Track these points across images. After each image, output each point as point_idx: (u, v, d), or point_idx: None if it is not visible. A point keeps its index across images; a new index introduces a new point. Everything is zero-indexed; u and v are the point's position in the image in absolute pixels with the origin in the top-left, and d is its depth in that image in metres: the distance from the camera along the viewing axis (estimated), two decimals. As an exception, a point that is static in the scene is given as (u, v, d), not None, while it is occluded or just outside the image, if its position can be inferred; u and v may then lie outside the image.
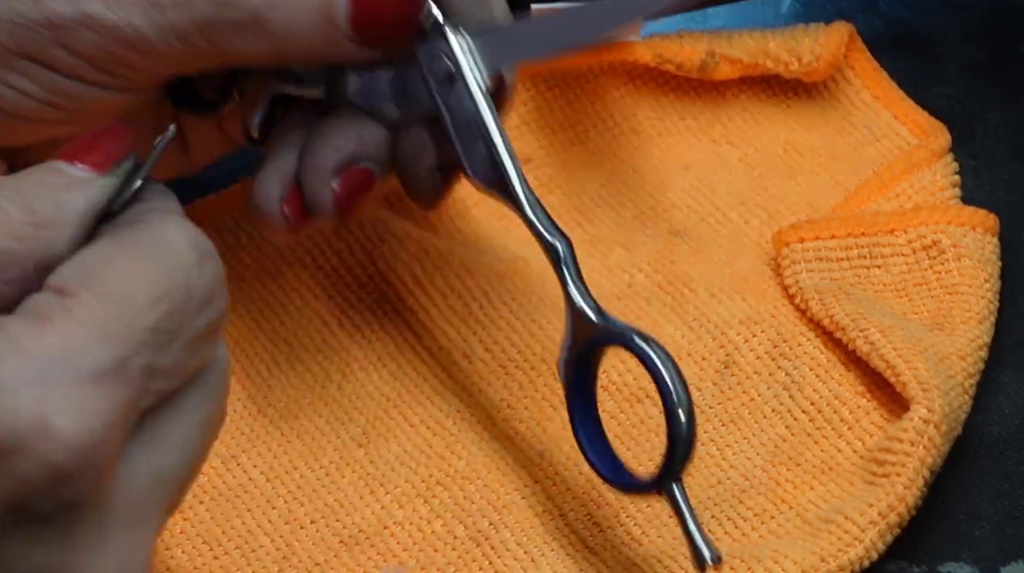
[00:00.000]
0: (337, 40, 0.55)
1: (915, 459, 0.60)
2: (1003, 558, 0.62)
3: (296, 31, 0.54)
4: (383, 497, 0.62)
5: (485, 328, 0.64)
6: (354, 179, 0.58)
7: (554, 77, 0.72)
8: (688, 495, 0.55)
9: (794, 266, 0.67)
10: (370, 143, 0.58)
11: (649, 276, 0.68)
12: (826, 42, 0.71)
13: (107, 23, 0.53)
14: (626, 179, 0.71)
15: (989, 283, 0.65)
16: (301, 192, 0.58)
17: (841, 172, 0.71)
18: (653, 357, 0.54)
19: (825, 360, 0.65)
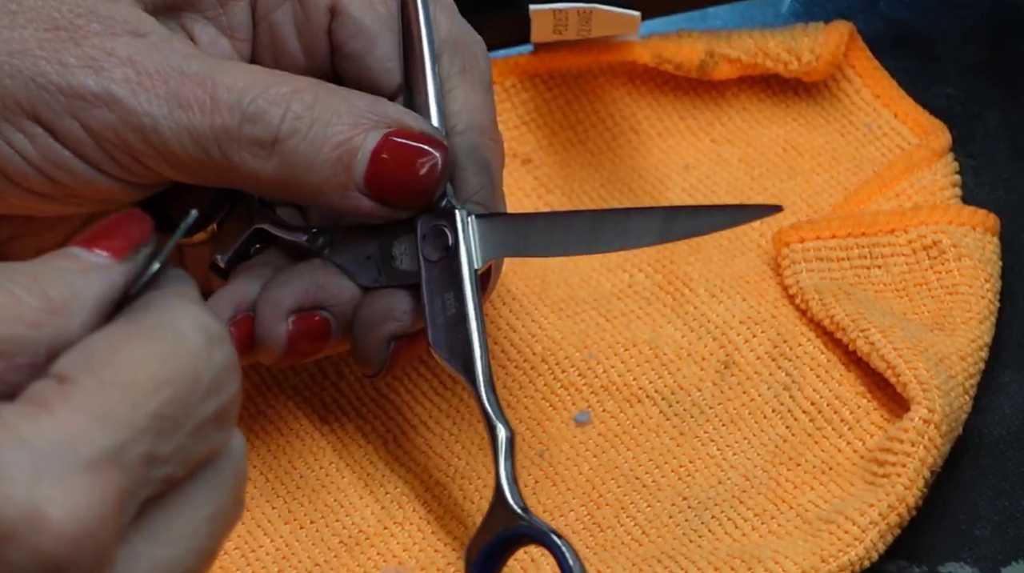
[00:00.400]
0: (347, 189, 0.55)
1: (915, 459, 0.60)
2: (1003, 558, 0.61)
3: (310, 165, 0.54)
4: (383, 497, 0.62)
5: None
6: (310, 324, 0.57)
7: (554, 77, 0.72)
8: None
9: (794, 266, 0.66)
10: (337, 297, 0.57)
11: (649, 276, 0.68)
12: (826, 41, 0.71)
13: (127, 107, 0.53)
14: (626, 179, 0.71)
15: (989, 283, 0.65)
16: (253, 321, 0.57)
17: (841, 172, 0.71)
18: (568, 557, 0.54)
19: (825, 360, 0.65)
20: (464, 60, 0.58)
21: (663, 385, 0.64)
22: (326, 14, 0.57)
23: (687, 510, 0.61)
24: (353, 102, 0.55)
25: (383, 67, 0.57)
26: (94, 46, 0.53)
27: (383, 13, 0.57)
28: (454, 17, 0.59)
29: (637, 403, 0.64)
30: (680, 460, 0.63)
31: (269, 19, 0.58)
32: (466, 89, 0.58)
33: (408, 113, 0.56)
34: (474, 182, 0.57)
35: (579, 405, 0.64)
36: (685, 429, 0.63)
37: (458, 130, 0.57)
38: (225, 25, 0.58)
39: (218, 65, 0.54)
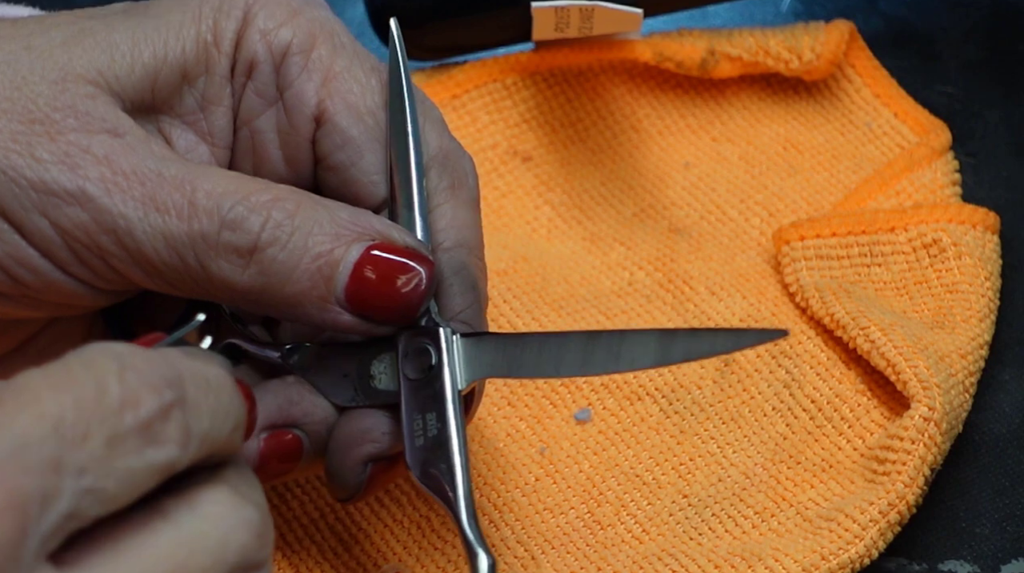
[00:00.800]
0: (327, 302, 0.52)
1: (915, 457, 0.60)
2: (1003, 556, 0.62)
3: (289, 276, 0.52)
4: (383, 496, 0.62)
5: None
6: (281, 443, 0.54)
7: (554, 74, 0.72)
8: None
9: (794, 264, 0.67)
10: (311, 416, 0.55)
11: (649, 274, 0.68)
12: (826, 40, 0.71)
13: (101, 207, 0.51)
14: (626, 177, 0.71)
15: (989, 281, 0.65)
16: None
17: (841, 170, 0.71)
18: None
19: (825, 358, 0.65)
20: (453, 177, 0.56)
21: (663, 383, 0.64)
22: (311, 123, 0.55)
23: (687, 508, 0.61)
24: (336, 213, 0.52)
25: (368, 180, 0.55)
26: (70, 142, 0.51)
27: (370, 125, 0.55)
28: (443, 133, 0.57)
29: (637, 401, 0.64)
30: (680, 458, 0.63)
31: (251, 126, 0.56)
32: (454, 206, 0.56)
33: (393, 226, 0.53)
34: (460, 301, 0.55)
35: (579, 403, 0.64)
36: (685, 427, 0.63)
37: (445, 246, 0.55)
38: (204, 131, 0.56)
39: (198, 169, 0.52)
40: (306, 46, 0.55)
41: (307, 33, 0.55)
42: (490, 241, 0.68)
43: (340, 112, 0.55)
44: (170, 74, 0.54)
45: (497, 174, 0.71)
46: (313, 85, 0.55)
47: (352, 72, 0.55)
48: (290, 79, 0.55)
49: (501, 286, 0.66)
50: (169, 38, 0.54)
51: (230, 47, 0.55)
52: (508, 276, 0.67)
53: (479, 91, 0.72)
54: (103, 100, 0.52)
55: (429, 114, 0.57)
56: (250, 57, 0.55)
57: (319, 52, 0.55)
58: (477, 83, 0.72)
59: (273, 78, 0.55)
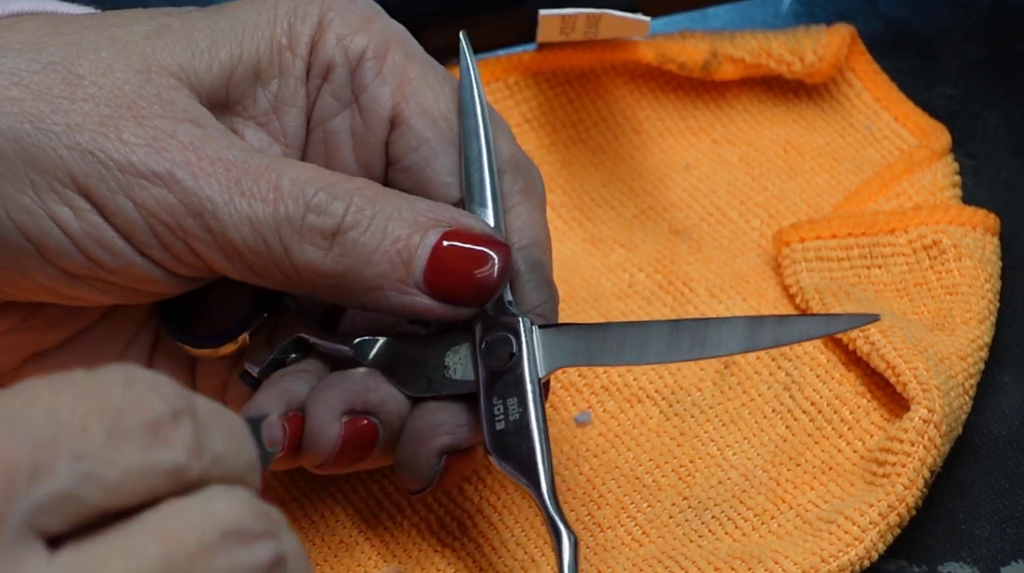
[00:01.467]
0: (406, 284, 0.53)
1: (915, 459, 0.60)
2: (1003, 558, 0.62)
3: (369, 258, 0.53)
4: (383, 498, 0.62)
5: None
6: (359, 429, 0.55)
7: (556, 75, 0.72)
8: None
9: (794, 266, 0.67)
10: (386, 405, 0.56)
11: (649, 275, 0.68)
12: (828, 43, 0.71)
13: (188, 189, 0.52)
14: (627, 178, 0.71)
15: (989, 283, 0.66)
16: (303, 421, 0.55)
17: (841, 172, 0.71)
18: None
19: (825, 360, 0.65)
20: (525, 181, 0.58)
21: (663, 385, 0.64)
22: (386, 125, 0.57)
23: (687, 510, 0.61)
24: (414, 202, 0.54)
25: (442, 181, 0.57)
26: (156, 127, 0.52)
27: (444, 128, 0.57)
28: (514, 143, 0.59)
29: (637, 403, 0.64)
30: (680, 460, 0.63)
31: (324, 127, 0.57)
32: (527, 208, 0.58)
33: (470, 215, 0.55)
34: (536, 296, 0.57)
35: (579, 405, 0.64)
36: (685, 429, 0.63)
37: (520, 244, 0.57)
38: (277, 131, 0.57)
39: (279, 160, 0.53)
40: (380, 52, 0.57)
41: (381, 40, 0.57)
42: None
43: (415, 115, 0.56)
44: (245, 73, 0.55)
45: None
46: (388, 89, 0.56)
47: (425, 79, 0.57)
48: (365, 83, 0.56)
49: (502, 288, 0.66)
50: (245, 38, 0.55)
51: (305, 50, 0.56)
52: (509, 278, 0.67)
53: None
54: (184, 92, 0.53)
55: (500, 125, 0.58)
56: (327, 61, 0.56)
57: (393, 59, 0.57)
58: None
59: (348, 82, 0.57)
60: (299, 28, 0.56)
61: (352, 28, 0.57)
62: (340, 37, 0.56)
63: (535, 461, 0.54)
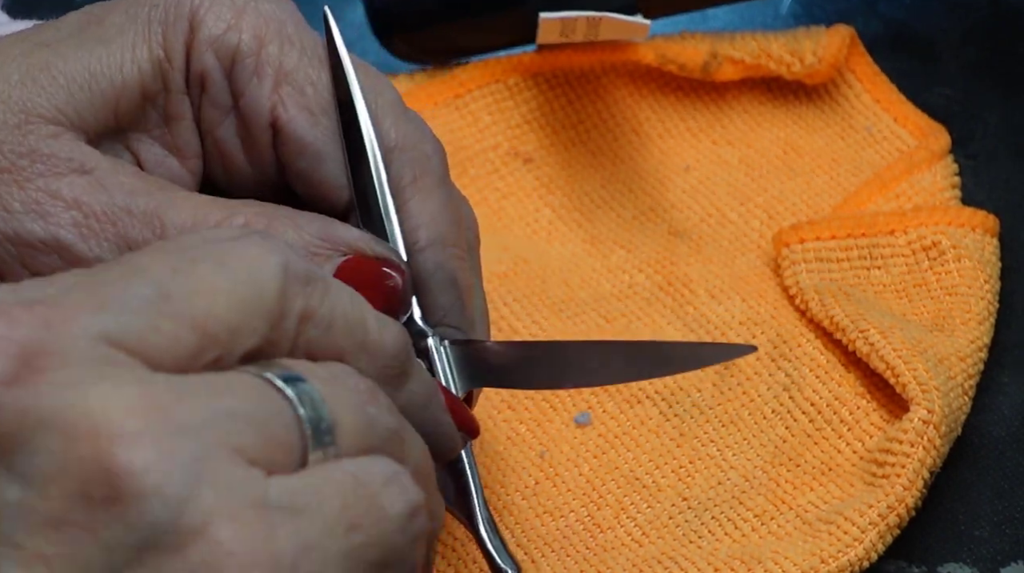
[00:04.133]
0: None
1: (915, 460, 0.60)
2: (1002, 559, 0.62)
3: None
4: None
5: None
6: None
7: (556, 77, 0.72)
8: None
9: (794, 267, 0.67)
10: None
11: (649, 277, 0.68)
12: (828, 44, 0.71)
13: (77, 254, 0.51)
14: (627, 179, 0.71)
15: (989, 284, 0.66)
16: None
17: (841, 173, 0.71)
18: None
19: (825, 361, 0.65)
20: (415, 166, 0.55)
21: (663, 386, 0.64)
22: (268, 131, 0.54)
23: (687, 511, 0.61)
24: (304, 229, 0.52)
25: (332, 184, 0.54)
26: (38, 188, 0.51)
27: (327, 126, 0.54)
28: (399, 117, 0.55)
29: (637, 404, 0.64)
30: (680, 461, 0.63)
31: (214, 135, 0.55)
32: (421, 199, 0.54)
33: (362, 236, 0.52)
34: (443, 301, 0.54)
35: (579, 406, 0.64)
36: (685, 430, 0.64)
37: (419, 246, 0.54)
38: (171, 144, 0.55)
39: (165, 199, 0.52)
40: (254, 48, 0.54)
41: (253, 34, 0.54)
42: (490, 243, 0.68)
43: (294, 119, 0.54)
44: (131, 97, 0.53)
45: (498, 175, 0.71)
46: (265, 91, 0.54)
47: (303, 70, 0.54)
48: (241, 87, 0.54)
49: (501, 289, 0.66)
50: (124, 62, 0.53)
51: (181, 61, 0.54)
52: (508, 278, 0.67)
53: (481, 91, 0.72)
54: (67, 138, 0.52)
55: (382, 97, 0.55)
56: (200, 69, 0.54)
57: (268, 52, 0.54)
58: (479, 83, 0.72)
59: (226, 87, 0.54)
60: (172, 36, 0.54)
61: (224, 25, 0.54)
62: (211, 40, 0.54)
63: (468, 492, 0.52)
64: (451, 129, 0.71)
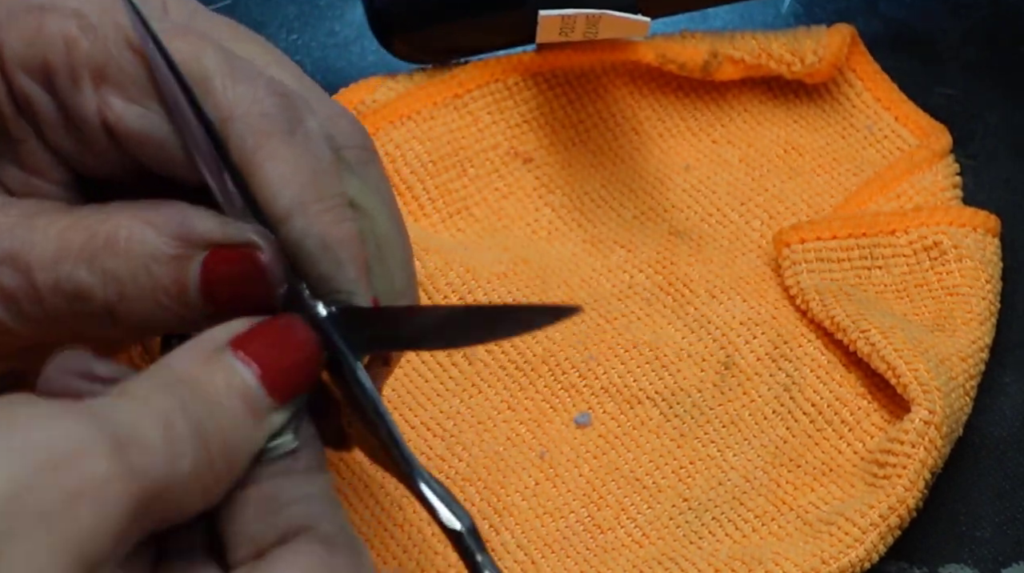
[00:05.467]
0: (196, 320, 0.49)
1: (916, 461, 0.60)
2: (1004, 560, 0.62)
3: (151, 317, 0.49)
4: (383, 499, 0.62)
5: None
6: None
7: (556, 76, 0.72)
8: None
9: (795, 267, 0.67)
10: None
11: (649, 277, 0.68)
12: (828, 43, 0.71)
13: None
14: (627, 179, 0.71)
15: (990, 284, 0.66)
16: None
17: (842, 173, 0.71)
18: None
19: (826, 361, 0.65)
20: (253, 132, 0.50)
21: (663, 386, 0.64)
22: (104, 133, 0.51)
23: (687, 512, 0.61)
24: (164, 228, 0.49)
25: (182, 167, 0.51)
26: None
27: (158, 110, 0.50)
28: (228, 76, 0.50)
29: (637, 404, 0.64)
30: (680, 461, 0.63)
31: (62, 148, 0.52)
32: (269, 165, 0.50)
33: (216, 224, 0.49)
34: (321, 268, 0.50)
35: (579, 406, 0.64)
36: (685, 430, 0.63)
37: (280, 217, 0.50)
38: (29, 165, 0.52)
39: (26, 234, 0.50)
40: (63, 54, 0.50)
41: (59, 39, 0.50)
42: (490, 243, 0.68)
43: (122, 116, 0.50)
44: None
45: (498, 175, 0.71)
46: (87, 96, 0.51)
47: (117, 61, 0.50)
48: (63, 98, 0.51)
49: (501, 289, 0.66)
50: None
51: (3, 87, 0.51)
52: (508, 278, 0.67)
53: (481, 91, 0.72)
54: None
55: (203, 63, 0.51)
56: (21, 91, 0.51)
57: (77, 55, 0.50)
58: (479, 83, 0.72)
59: (52, 102, 0.51)
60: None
61: (25, 41, 0.50)
62: (19, 59, 0.50)
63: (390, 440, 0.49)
64: (451, 129, 0.71)
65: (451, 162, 0.70)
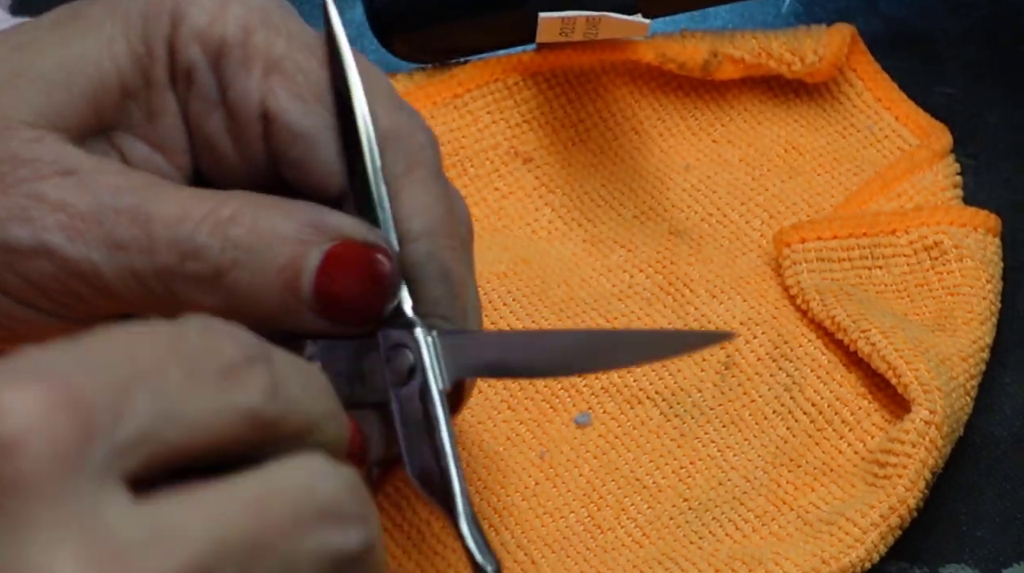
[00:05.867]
0: (298, 310, 0.51)
1: (916, 460, 0.60)
2: (1005, 560, 0.62)
3: (256, 294, 0.51)
4: (381, 500, 0.62)
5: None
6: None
7: (556, 76, 0.72)
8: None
9: (795, 266, 0.66)
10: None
11: (650, 276, 0.68)
12: (829, 43, 0.71)
13: (65, 255, 0.50)
14: (627, 179, 0.71)
15: (991, 284, 0.65)
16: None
17: (842, 173, 0.71)
18: None
19: (826, 361, 0.65)
20: (408, 157, 0.54)
21: (663, 386, 0.64)
22: (259, 123, 0.53)
23: (687, 512, 0.61)
24: (294, 216, 0.51)
25: (326, 171, 0.53)
26: (22, 194, 0.50)
27: (319, 113, 0.53)
28: (392, 106, 0.54)
29: (637, 404, 0.64)
30: (680, 461, 0.63)
31: (203, 130, 0.54)
32: (415, 189, 0.53)
33: (352, 222, 0.52)
34: (435, 293, 0.53)
35: (579, 406, 0.64)
36: (685, 430, 0.63)
37: (411, 236, 0.53)
38: (157, 141, 0.54)
39: (151, 195, 0.51)
40: (240, 38, 0.53)
41: (239, 24, 0.53)
42: (490, 243, 0.68)
43: (286, 109, 0.53)
44: (110, 94, 0.53)
45: (498, 175, 0.71)
46: (254, 82, 0.53)
47: (292, 59, 0.53)
48: (229, 79, 0.53)
49: (501, 289, 0.66)
50: (103, 59, 0.52)
51: (164, 54, 0.53)
52: (508, 278, 0.67)
53: (480, 91, 0.72)
54: (49, 140, 0.51)
55: (377, 87, 0.54)
56: (186, 63, 0.53)
57: (255, 42, 0.53)
58: (479, 83, 0.72)
59: (213, 79, 0.53)
60: (153, 30, 0.53)
61: (208, 17, 0.53)
62: (196, 33, 0.53)
63: (449, 484, 0.51)
64: (450, 129, 0.71)
65: (451, 162, 0.70)
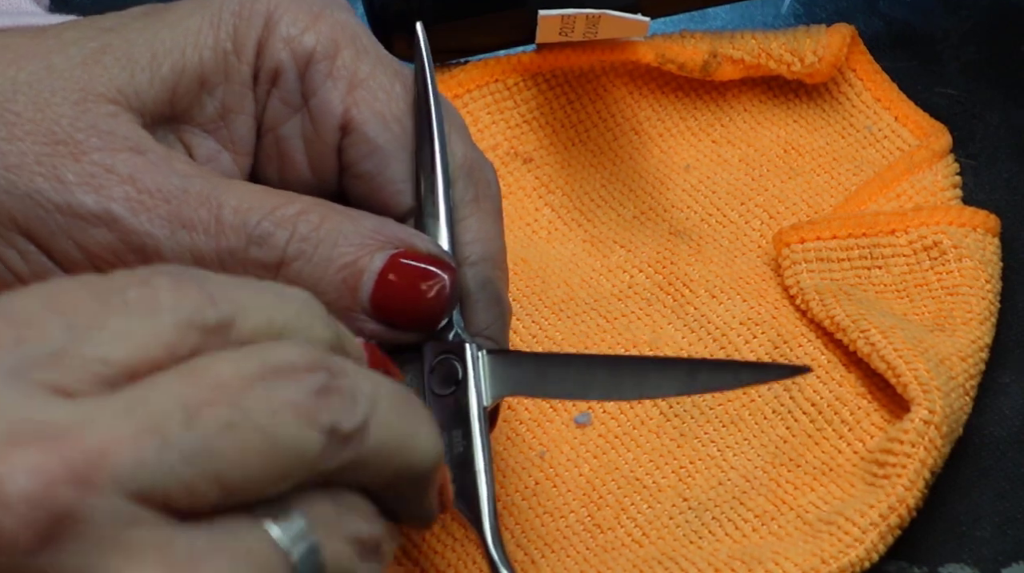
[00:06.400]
0: (353, 311, 0.52)
1: (916, 460, 0.60)
2: (1004, 559, 0.62)
3: (315, 287, 0.51)
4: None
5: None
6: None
7: (556, 76, 0.72)
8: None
9: (794, 266, 0.66)
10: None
11: (649, 277, 0.68)
12: (828, 43, 0.71)
13: (128, 227, 0.51)
14: (627, 179, 0.71)
15: (990, 284, 0.65)
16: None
17: (842, 173, 0.71)
18: None
19: (826, 361, 0.65)
20: (478, 188, 0.56)
21: (663, 386, 0.64)
22: (337, 131, 0.55)
23: (687, 511, 0.61)
24: (360, 222, 0.52)
25: (395, 188, 0.55)
26: (94, 162, 0.51)
27: (397, 132, 0.55)
28: (468, 142, 0.57)
29: (637, 404, 0.64)
30: (680, 461, 0.63)
31: (276, 133, 0.55)
32: (479, 218, 0.56)
33: (417, 235, 0.53)
34: (485, 317, 0.55)
35: (579, 406, 0.64)
36: (685, 430, 0.63)
37: (471, 261, 0.55)
38: (226, 138, 0.55)
39: (222, 184, 0.52)
40: (330, 52, 0.55)
41: (330, 38, 0.55)
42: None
43: (367, 121, 0.55)
44: (189, 84, 0.54)
45: (498, 175, 0.71)
46: (339, 93, 0.55)
47: (377, 78, 0.55)
48: (315, 87, 0.55)
49: (501, 289, 0.66)
50: (187, 47, 0.54)
51: (252, 55, 0.54)
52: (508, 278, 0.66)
53: (480, 91, 0.72)
54: (125, 118, 0.52)
55: (454, 122, 0.57)
56: (274, 65, 0.55)
57: (343, 58, 0.55)
58: (479, 83, 0.72)
59: (298, 85, 0.55)
60: (244, 31, 0.54)
61: (300, 27, 0.55)
62: (288, 39, 0.55)
63: (479, 499, 0.52)
64: (450, 129, 0.71)
65: (451, 162, 0.70)
